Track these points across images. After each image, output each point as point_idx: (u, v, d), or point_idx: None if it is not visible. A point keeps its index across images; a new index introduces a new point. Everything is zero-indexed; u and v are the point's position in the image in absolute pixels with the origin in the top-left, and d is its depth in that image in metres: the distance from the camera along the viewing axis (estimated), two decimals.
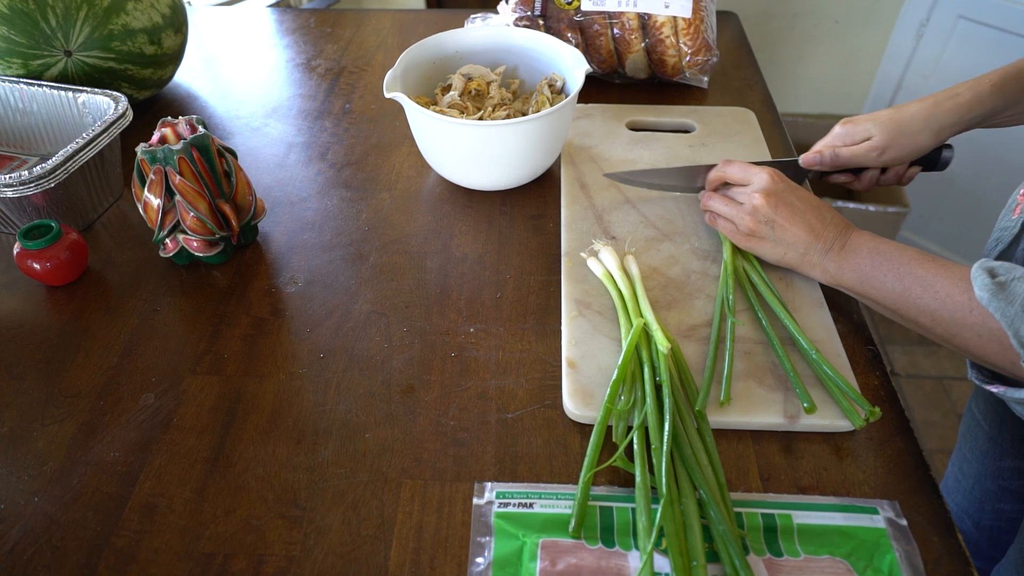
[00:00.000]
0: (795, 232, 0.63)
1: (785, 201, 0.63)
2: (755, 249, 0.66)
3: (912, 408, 1.67)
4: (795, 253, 0.64)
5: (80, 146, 0.71)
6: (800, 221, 0.62)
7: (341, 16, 1.22)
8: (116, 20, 0.86)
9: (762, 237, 0.65)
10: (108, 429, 0.58)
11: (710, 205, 0.69)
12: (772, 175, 0.65)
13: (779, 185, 0.64)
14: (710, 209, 0.70)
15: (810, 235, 0.62)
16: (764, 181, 0.64)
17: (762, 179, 0.64)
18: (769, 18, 1.83)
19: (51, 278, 0.70)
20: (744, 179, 0.67)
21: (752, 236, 0.65)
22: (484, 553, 0.49)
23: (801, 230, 0.62)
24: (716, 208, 0.68)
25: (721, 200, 0.68)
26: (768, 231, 0.64)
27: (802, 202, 0.63)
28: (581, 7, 0.93)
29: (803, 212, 0.63)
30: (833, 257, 0.62)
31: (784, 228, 0.63)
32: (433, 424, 0.58)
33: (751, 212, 0.64)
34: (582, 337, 0.63)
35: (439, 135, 0.76)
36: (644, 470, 0.52)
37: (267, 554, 0.50)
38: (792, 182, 0.65)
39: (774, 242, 0.64)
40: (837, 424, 0.57)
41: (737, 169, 0.68)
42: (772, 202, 0.63)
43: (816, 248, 0.62)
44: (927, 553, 0.50)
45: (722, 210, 0.67)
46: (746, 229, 0.65)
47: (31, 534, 0.52)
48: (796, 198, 0.63)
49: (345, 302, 0.69)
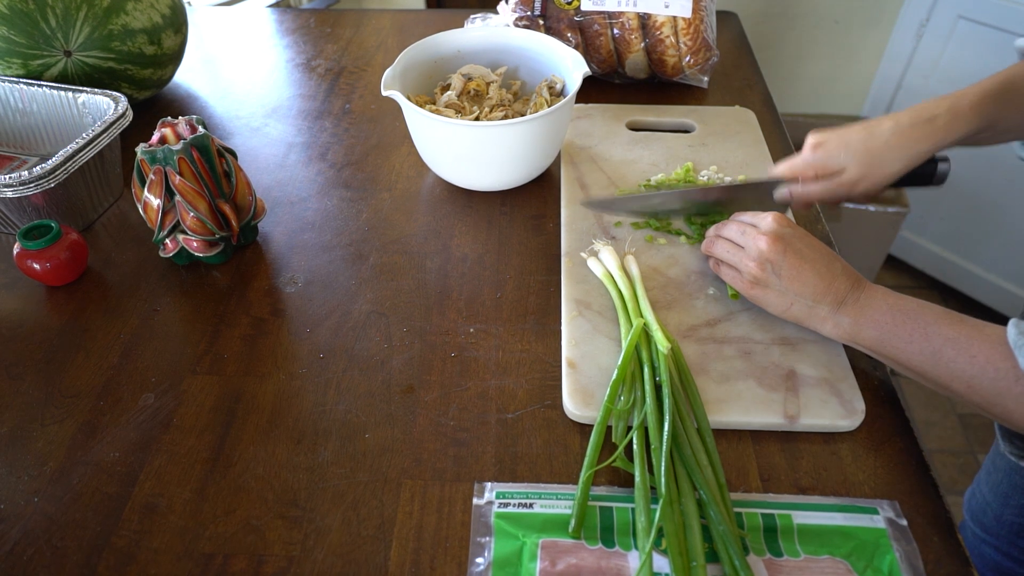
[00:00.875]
0: (804, 281, 0.58)
1: (793, 247, 0.59)
2: (759, 299, 0.61)
3: (912, 408, 1.67)
4: (802, 304, 0.59)
5: (80, 146, 0.71)
6: (810, 269, 0.58)
7: (341, 16, 1.22)
8: (116, 20, 0.86)
9: (767, 286, 0.60)
10: (108, 429, 0.58)
11: (714, 251, 0.65)
12: (778, 218, 0.60)
13: (786, 230, 0.60)
14: (713, 255, 0.65)
15: (819, 285, 0.58)
16: (770, 224, 0.60)
17: (768, 222, 0.60)
18: (769, 18, 1.83)
19: (51, 278, 0.70)
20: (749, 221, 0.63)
21: (756, 284, 0.60)
22: (484, 553, 0.49)
23: (810, 280, 0.58)
24: (719, 254, 0.64)
25: (725, 245, 0.64)
26: (774, 279, 0.59)
27: (811, 250, 0.59)
28: (581, 7, 0.93)
29: (812, 260, 0.58)
30: (848, 312, 0.57)
31: (792, 276, 0.58)
32: (433, 424, 0.58)
33: (756, 257, 0.60)
34: (582, 337, 0.63)
35: (435, 135, 0.76)
36: (644, 470, 0.52)
37: (267, 554, 0.50)
38: (801, 228, 0.61)
39: (780, 292, 0.59)
40: (837, 424, 0.57)
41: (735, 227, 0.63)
42: (779, 247, 0.59)
43: (827, 301, 0.58)
44: (927, 553, 0.50)
45: (725, 256, 0.63)
46: (750, 276, 0.60)
47: (31, 534, 0.52)
48: (805, 245, 0.59)
49: (345, 302, 0.69)
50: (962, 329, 0.52)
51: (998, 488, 0.80)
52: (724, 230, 0.65)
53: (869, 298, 0.57)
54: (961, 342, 0.51)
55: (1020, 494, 0.77)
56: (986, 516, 0.83)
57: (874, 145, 0.63)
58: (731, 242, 0.63)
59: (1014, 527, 0.79)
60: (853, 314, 0.57)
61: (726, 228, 0.64)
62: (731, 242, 0.63)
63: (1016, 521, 0.79)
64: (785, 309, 0.60)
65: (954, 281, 1.85)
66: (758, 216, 0.62)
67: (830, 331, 0.59)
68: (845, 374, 0.60)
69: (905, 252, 1.91)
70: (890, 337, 0.55)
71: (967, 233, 1.77)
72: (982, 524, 0.84)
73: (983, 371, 0.50)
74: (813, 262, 0.58)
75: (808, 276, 0.58)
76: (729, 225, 0.64)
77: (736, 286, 0.63)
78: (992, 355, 0.49)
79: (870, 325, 0.56)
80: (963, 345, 0.51)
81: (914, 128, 0.62)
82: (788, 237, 0.59)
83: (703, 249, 0.67)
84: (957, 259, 1.82)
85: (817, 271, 0.58)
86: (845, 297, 0.58)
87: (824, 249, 0.60)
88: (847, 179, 0.64)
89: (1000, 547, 0.82)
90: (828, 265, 0.58)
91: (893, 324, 0.55)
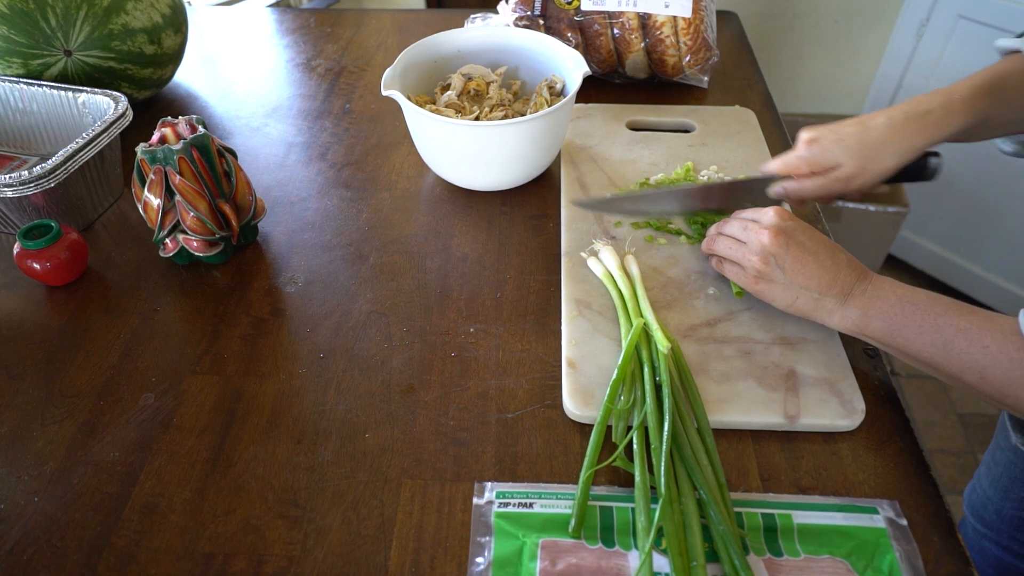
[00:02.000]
0: (808, 273, 0.58)
1: (796, 240, 0.58)
2: (764, 294, 0.61)
3: (912, 408, 1.67)
4: (808, 298, 0.58)
5: (80, 146, 0.71)
6: (813, 261, 0.58)
7: (341, 16, 1.22)
8: (116, 20, 0.86)
9: (771, 280, 0.59)
10: (108, 429, 0.58)
11: (715, 248, 0.64)
12: (780, 212, 0.60)
13: (788, 223, 0.59)
14: (715, 252, 0.65)
15: (824, 278, 0.57)
16: (772, 218, 0.60)
17: (770, 216, 0.60)
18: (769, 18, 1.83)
19: (51, 278, 0.70)
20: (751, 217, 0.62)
21: (761, 278, 0.60)
22: (484, 553, 0.49)
23: (814, 272, 0.57)
24: (721, 251, 0.64)
25: (726, 242, 0.63)
26: (778, 273, 0.59)
27: (814, 242, 0.59)
28: (581, 7, 0.93)
29: (816, 253, 0.58)
30: (856, 303, 0.57)
31: (796, 269, 0.58)
32: (433, 424, 0.58)
33: (759, 252, 0.59)
34: (582, 337, 0.63)
35: (434, 134, 0.76)
36: (644, 469, 0.52)
37: (267, 554, 0.50)
38: (802, 221, 0.61)
39: (785, 285, 0.59)
40: (837, 424, 0.57)
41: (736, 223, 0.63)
42: (782, 240, 0.58)
43: (833, 292, 0.57)
44: (927, 553, 0.50)
45: (728, 252, 0.63)
46: (753, 271, 0.60)
47: (31, 534, 0.52)
48: (808, 237, 0.59)
49: (345, 302, 0.69)
50: (973, 319, 0.51)
51: (998, 482, 0.80)
52: (726, 227, 0.64)
53: (877, 289, 0.56)
54: (972, 332, 0.51)
55: (1020, 487, 0.77)
56: (987, 511, 0.83)
57: (868, 140, 0.62)
58: (733, 239, 0.63)
59: (1014, 521, 0.80)
60: (861, 305, 0.56)
61: (728, 225, 0.64)
62: (733, 239, 0.63)
63: (1016, 515, 0.79)
64: (791, 303, 0.59)
65: (954, 281, 1.85)
66: (759, 211, 0.62)
67: (838, 323, 0.58)
68: (845, 374, 0.60)
69: (905, 252, 1.91)
70: (900, 328, 0.54)
71: (967, 233, 1.77)
72: (982, 519, 0.84)
73: (996, 360, 0.49)
74: (817, 254, 0.58)
75: (812, 268, 0.58)
76: (731, 222, 0.64)
77: (740, 282, 0.62)
78: (1005, 344, 0.49)
79: (879, 316, 0.55)
80: (975, 335, 0.50)
81: (908, 123, 0.62)
82: (790, 230, 0.59)
83: (704, 247, 0.67)
84: (957, 259, 1.82)
85: (821, 263, 0.58)
86: (852, 289, 0.57)
87: (827, 241, 0.59)
88: (842, 175, 0.63)
89: (1000, 541, 0.83)
90: (832, 257, 0.58)
91: (903, 315, 0.54)
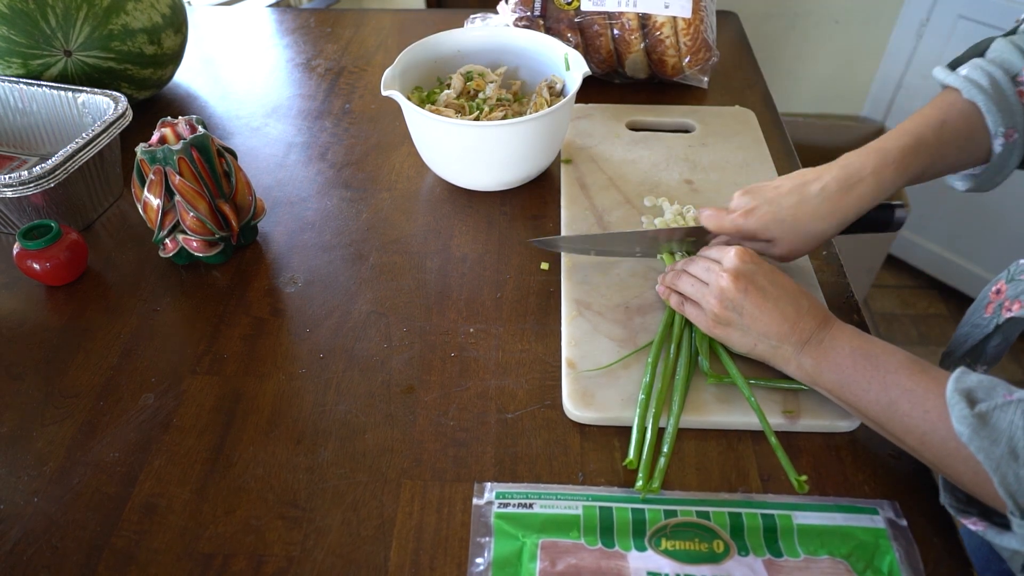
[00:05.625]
0: (766, 321, 0.55)
1: (757, 285, 0.56)
2: (723, 338, 0.58)
3: None
4: (766, 345, 0.56)
5: (80, 146, 0.71)
6: (772, 308, 0.55)
7: (341, 16, 1.22)
8: (116, 20, 0.86)
9: (728, 324, 0.57)
10: (108, 429, 0.58)
11: (679, 285, 0.61)
12: (741, 253, 0.57)
13: (749, 266, 0.56)
14: (678, 289, 0.62)
15: (783, 326, 0.55)
16: (732, 261, 0.57)
17: (731, 258, 0.57)
18: (769, 18, 1.83)
19: (51, 278, 0.70)
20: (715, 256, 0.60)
21: (718, 323, 0.58)
22: (484, 553, 0.49)
23: (773, 319, 0.55)
24: (684, 289, 0.61)
25: (688, 280, 0.60)
26: (736, 318, 0.56)
27: (775, 287, 0.56)
28: (581, 7, 0.93)
29: (776, 299, 0.55)
30: (810, 353, 0.54)
31: (754, 316, 0.55)
32: (433, 424, 0.58)
33: (717, 295, 0.57)
34: (582, 337, 0.63)
35: (434, 134, 0.76)
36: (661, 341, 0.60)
37: (267, 554, 0.50)
38: (766, 263, 0.58)
39: (742, 331, 0.57)
40: (837, 424, 0.57)
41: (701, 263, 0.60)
42: (741, 285, 0.55)
43: (791, 341, 0.55)
44: (927, 553, 0.50)
45: (689, 291, 0.60)
46: (711, 315, 0.58)
47: (31, 534, 0.52)
48: (769, 282, 0.56)
49: (345, 302, 0.69)
50: (920, 381, 0.49)
51: None
52: (691, 266, 0.61)
53: (833, 339, 0.54)
54: (917, 395, 0.48)
55: None
56: None
57: (803, 214, 0.61)
58: (696, 278, 0.60)
59: None
60: (816, 356, 0.54)
61: (692, 264, 0.61)
62: (696, 278, 0.60)
63: None
64: (750, 349, 0.57)
65: (954, 281, 1.85)
66: (723, 251, 0.59)
67: (794, 372, 0.56)
68: None
69: (905, 252, 1.91)
70: (848, 383, 0.52)
71: (967, 233, 1.77)
72: None
73: (934, 428, 0.47)
74: (777, 300, 0.55)
75: (772, 315, 0.55)
76: (696, 261, 0.61)
77: (699, 324, 0.60)
78: (945, 412, 0.46)
79: (830, 368, 0.53)
80: (918, 398, 0.48)
81: (841, 194, 0.60)
82: (751, 274, 0.56)
83: (664, 282, 0.64)
84: (957, 259, 1.82)
85: (781, 310, 0.55)
86: (810, 337, 0.54)
87: (791, 286, 0.57)
88: (777, 252, 0.63)
89: None
90: (794, 303, 0.55)
91: (853, 369, 0.52)
